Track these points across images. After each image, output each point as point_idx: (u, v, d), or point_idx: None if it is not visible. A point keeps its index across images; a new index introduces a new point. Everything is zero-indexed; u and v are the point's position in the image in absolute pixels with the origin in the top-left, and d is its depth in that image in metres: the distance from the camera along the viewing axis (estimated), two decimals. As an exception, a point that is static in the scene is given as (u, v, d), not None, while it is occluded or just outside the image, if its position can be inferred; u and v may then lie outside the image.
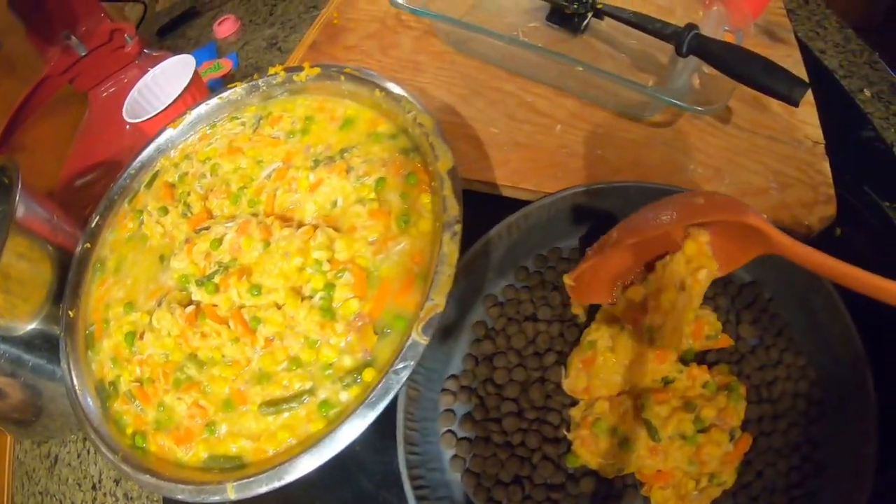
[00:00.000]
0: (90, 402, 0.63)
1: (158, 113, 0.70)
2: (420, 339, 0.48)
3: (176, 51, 0.82)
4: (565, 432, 0.56)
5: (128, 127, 0.74)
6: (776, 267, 0.63)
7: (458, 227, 0.51)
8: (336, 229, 0.55)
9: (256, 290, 0.55)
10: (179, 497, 0.54)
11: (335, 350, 0.51)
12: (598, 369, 0.55)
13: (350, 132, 0.61)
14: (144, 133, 0.72)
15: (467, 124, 0.67)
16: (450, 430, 0.58)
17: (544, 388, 0.58)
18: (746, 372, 0.60)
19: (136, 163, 0.68)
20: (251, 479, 0.49)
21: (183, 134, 0.68)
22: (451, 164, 0.53)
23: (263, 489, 0.49)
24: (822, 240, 0.65)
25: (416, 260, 0.52)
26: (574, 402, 0.57)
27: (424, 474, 0.55)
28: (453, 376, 0.59)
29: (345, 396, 0.50)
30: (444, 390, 0.59)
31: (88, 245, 0.67)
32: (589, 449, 0.56)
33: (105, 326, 0.63)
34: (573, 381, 0.56)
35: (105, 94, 0.81)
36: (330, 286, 0.53)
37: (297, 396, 0.51)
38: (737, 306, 0.63)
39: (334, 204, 0.58)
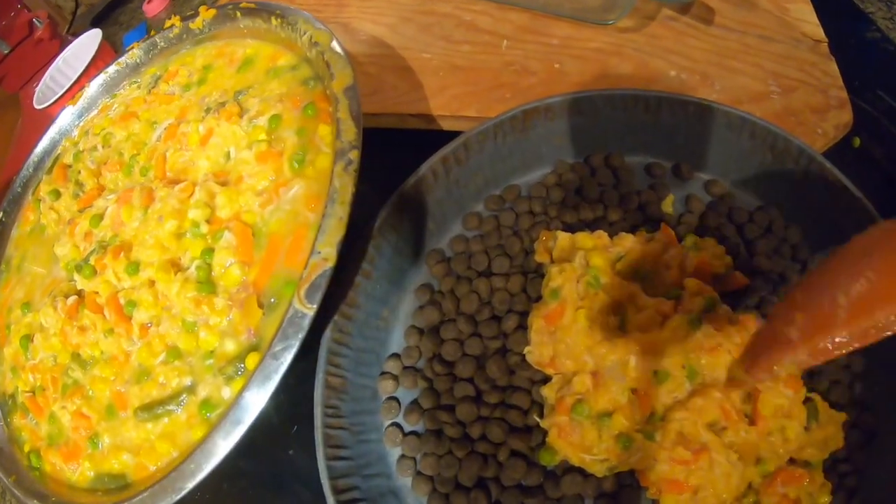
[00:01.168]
0: (-5, 420, 0.50)
1: (63, 93, 0.57)
2: (303, 307, 0.32)
3: (108, 38, 0.70)
4: (537, 419, 0.40)
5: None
6: (790, 186, 0.45)
7: (353, 155, 0.35)
8: (225, 184, 0.41)
9: (133, 268, 0.40)
10: (58, 530, 0.40)
11: (215, 333, 0.36)
12: (567, 330, 0.38)
13: (248, 73, 0.46)
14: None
15: (397, 54, 0.52)
16: (394, 424, 0.42)
17: (506, 361, 0.41)
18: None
19: (39, 150, 0.55)
20: (127, 502, 0.35)
21: (84, 111, 0.55)
22: (350, 82, 0.38)
23: None
24: (840, 151, 0.48)
25: (312, 205, 0.37)
26: (546, 379, 0.40)
27: (359, 483, 0.39)
28: (394, 356, 0.43)
29: (227, 393, 0.35)
30: (383, 373, 0.43)
31: None
32: (569, 440, 0.38)
33: (7, 332, 0.50)
34: (537, 347, 0.39)
35: (35, 91, 0.69)
36: (208, 252, 0.38)
37: (174, 396, 0.37)
38: (748, 236, 0.45)
39: (227, 156, 0.43)
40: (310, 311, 0.32)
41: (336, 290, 0.40)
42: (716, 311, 0.41)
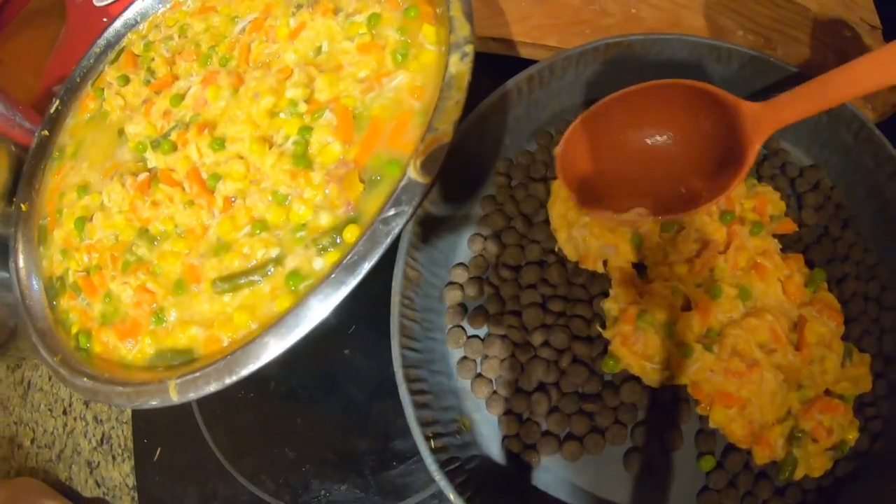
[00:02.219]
0: (38, 303, 0.46)
1: (129, -10, 0.54)
2: (419, 177, 0.31)
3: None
4: (599, 329, 0.40)
5: (106, 20, 0.59)
6: (840, 149, 0.46)
7: (469, 48, 0.34)
8: (323, 70, 0.39)
9: (219, 143, 0.38)
10: (116, 402, 0.37)
11: (309, 206, 0.34)
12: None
13: (342, -30, 0.45)
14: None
15: (478, -20, 0.51)
16: (458, 326, 0.41)
17: (564, 268, 0.41)
18: (816, 263, 0.44)
19: (102, 41, 0.52)
20: (196, 373, 0.33)
21: (154, 5, 0.53)
22: (460, -20, 0.37)
23: (212, 387, 0.32)
24: (887, 127, 0.48)
25: (417, 95, 0.36)
26: (605, 293, 0.40)
27: (426, 377, 0.38)
28: (461, 265, 0.42)
29: (319, 264, 0.33)
30: (450, 283, 0.42)
31: (47, 133, 0.51)
32: (632, 349, 0.38)
33: (58, 217, 0.47)
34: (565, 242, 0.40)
35: (84, -2, 0.65)
36: (306, 129, 0.36)
37: (260, 267, 0.35)
38: (797, 189, 0.46)
39: (318, 50, 0.41)
40: (426, 180, 0.31)
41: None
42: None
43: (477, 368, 0.40)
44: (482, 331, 0.41)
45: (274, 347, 0.32)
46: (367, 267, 0.30)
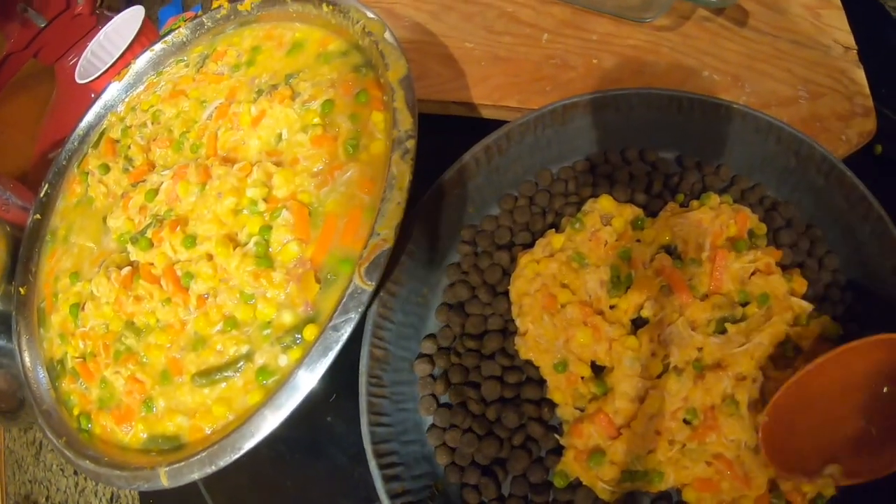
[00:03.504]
0: (42, 383, 0.52)
1: (108, 69, 0.59)
2: (363, 284, 0.35)
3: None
4: (557, 437, 0.43)
5: (93, 95, 0.63)
6: (811, 190, 0.47)
7: (410, 144, 0.38)
8: (279, 164, 0.43)
9: (190, 241, 0.43)
10: (115, 484, 0.42)
11: (273, 305, 0.39)
12: (557, 315, 0.42)
13: (298, 56, 0.48)
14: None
15: (439, 42, 0.54)
16: (431, 395, 0.45)
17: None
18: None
19: (84, 124, 0.57)
20: (182, 462, 0.38)
21: (130, 87, 0.57)
22: (405, 72, 0.40)
23: (195, 475, 0.37)
24: (862, 158, 0.50)
25: (367, 188, 0.39)
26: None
27: (397, 448, 0.42)
28: (431, 336, 0.46)
29: (284, 360, 0.38)
30: (420, 355, 0.45)
31: (39, 216, 0.57)
32: (587, 473, 0.41)
33: (55, 300, 0.53)
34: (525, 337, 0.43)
35: (71, 64, 0.70)
36: (266, 229, 0.40)
37: (232, 363, 0.40)
38: (773, 225, 0.48)
39: (279, 138, 0.45)
40: (369, 287, 0.35)
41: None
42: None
43: (444, 437, 0.43)
44: (447, 397, 0.44)
45: (248, 442, 0.36)
46: (322, 369, 0.34)
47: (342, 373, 0.45)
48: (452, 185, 0.45)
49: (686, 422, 0.42)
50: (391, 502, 0.39)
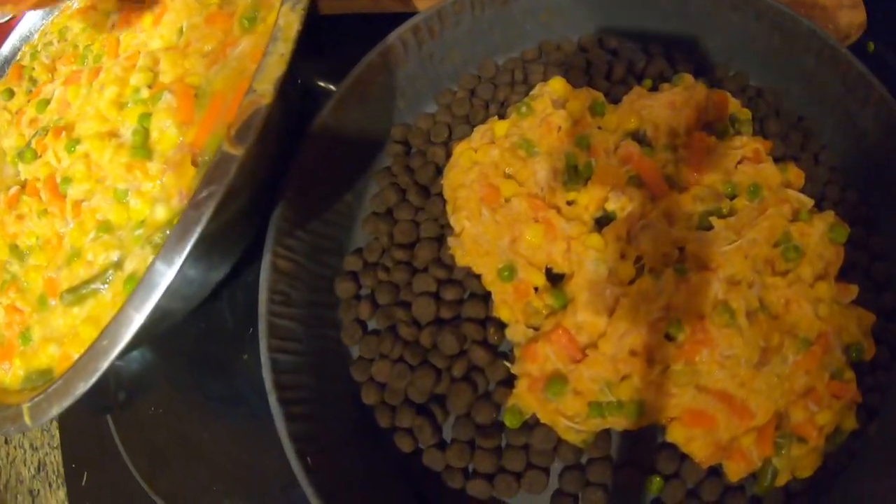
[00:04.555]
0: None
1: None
2: (230, 148, 0.28)
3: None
4: (508, 365, 0.35)
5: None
6: (801, 76, 0.40)
7: None
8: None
9: (73, 144, 0.36)
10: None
11: (147, 200, 0.33)
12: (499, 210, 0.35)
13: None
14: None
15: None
16: (356, 320, 0.37)
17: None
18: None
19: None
20: (42, 396, 0.31)
21: (47, 15, 0.53)
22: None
23: (55, 409, 0.31)
24: (854, 53, 0.42)
25: (258, 57, 0.33)
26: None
27: (310, 383, 0.34)
28: (357, 251, 0.39)
29: (155, 263, 0.31)
30: (343, 273, 0.38)
31: None
32: (545, 407, 0.33)
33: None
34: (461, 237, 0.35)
35: None
36: (146, 116, 0.34)
37: (101, 274, 0.33)
38: (757, 114, 0.40)
39: (181, 32, 0.39)
40: (238, 152, 0.28)
41: (289, 164, 0.36)
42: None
43: (370, 370, 0.36)
44: (375, 322, 0.37)
45: (103, 361, 0.29)
46: (179, 260, 0.28)
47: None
48: (376, 70, 0.38)
49: (669, 337, 0.34)
50: (295, 447, 0.32)
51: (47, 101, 0.41)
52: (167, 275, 0.28)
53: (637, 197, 0.35)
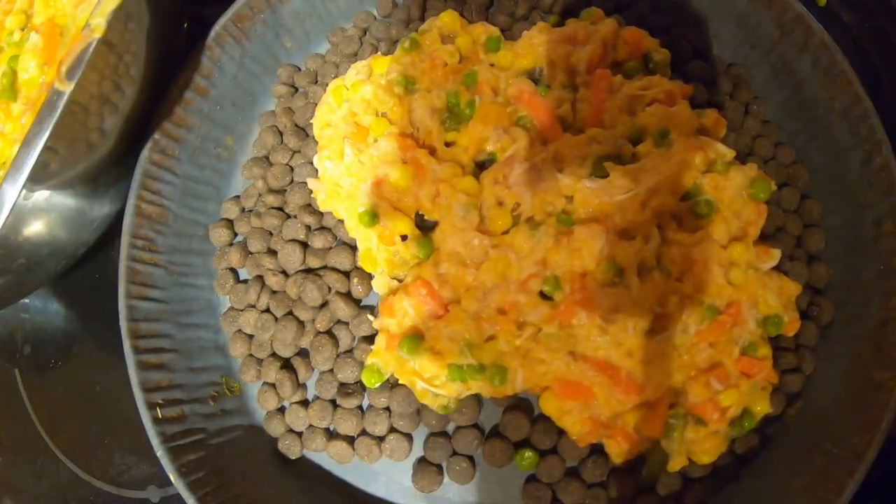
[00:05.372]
0: None
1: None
2: (60, 85, 0.28)
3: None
4: (371, 318, 0.32)
5: None
6: (731, 15, 0.36)
7: None
8: None
9: None
10: None
11: (9, 141, 0.32)
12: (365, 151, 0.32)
13: None
14: None
15: None
16: (228, 269, 0.35)
17: None
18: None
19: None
20: None
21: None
22: None
23: None
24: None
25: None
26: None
27: (170, 331, 0.32)
28: (235, 197, 0.37)
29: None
30: (219, 220, 0.36)
31: None
32: (403, 367, 0.30)
33: None
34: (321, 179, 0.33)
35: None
36: (15, 59, 0.33)
37: None
38: (682, 55, 0.36)
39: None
40: (66, 88, 0.27)
41: (158, 103, 0.35)
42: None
43: (237, 322, 0.34)
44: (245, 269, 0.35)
45: None
46: (13, 194, 0.27)
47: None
48: (256, 7, 0.35)
49: (544, 296, 0.30)
50: (147, 397, 0.30)
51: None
52: (5, 207, 0.27)
53: (522, 138, 0.32)
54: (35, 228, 0.32)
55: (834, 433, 0.29)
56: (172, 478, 0.29)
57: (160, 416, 0.30)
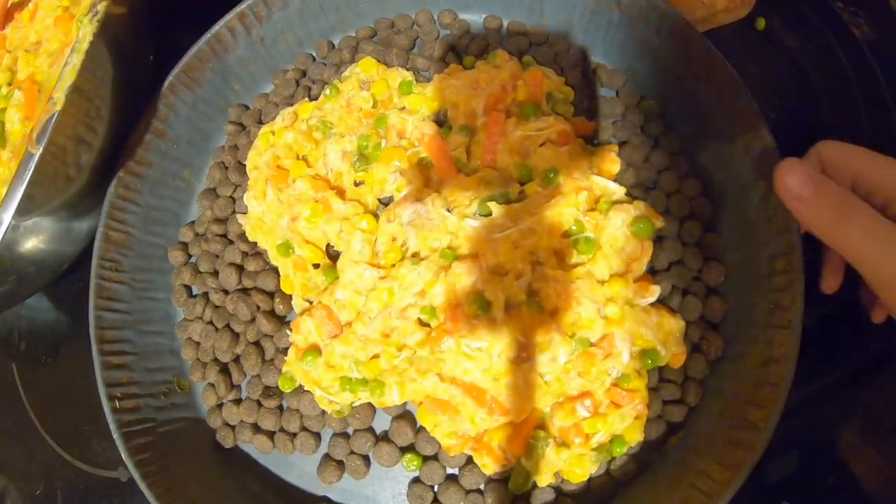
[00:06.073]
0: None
1: None
2: (32, 148, 0.34)
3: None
4: (289, 332, 0.37)
5: None
6: (644, 49, 0.37)
7: (101, 6, 0.36)
8: (28, 50, 0.43)
9: None
10: None
11: (1, 181, 0.39)
12: (285, 191, 0.37)
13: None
14: None
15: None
16: (183, 285, 0.42)
17: None
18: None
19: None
20: None
21: None
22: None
23: None
24: (741, 32, 0.41)
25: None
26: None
27: (132, 337, 0.39)
28: (191, 223, 0.43)
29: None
30: (176, 244, 0.43)
31: None
32: (307, 376, 0.36)
33: None
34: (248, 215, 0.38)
35: None
36: (3, 111, 0.41)
37: None
38: (589, 92, 0.38)
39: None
40: (36, 151, 0.34)
41: (122, 145, 0.41)
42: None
43: (189, 329, 0.41)
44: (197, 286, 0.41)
45: None
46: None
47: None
48: (206, 57, 0.41)
49: (423, 323, 0.34)
50: (107, 391, 0.37)
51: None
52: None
53: (416, 179, 0.36)
54: (23, 248, 0.40)
55: (703, 467, 0.31)
56: (123, 456, 0.36)
57: (118, 406, 0.37)
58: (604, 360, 0.33)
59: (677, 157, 0.37)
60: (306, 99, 0.40)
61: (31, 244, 0.40)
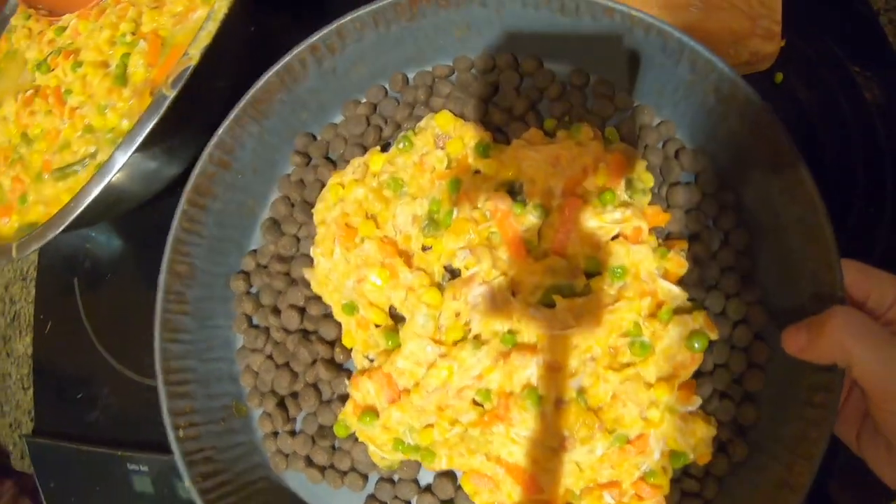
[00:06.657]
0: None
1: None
2: (167, 91, 0.40)
3: None
4: (347, 383, 0.39)
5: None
6: (730, 136, 0.35)
7: None
8: (153, 7, 0.50)
9: (77, 66, 0.50)
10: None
11: (119, 114, 0.47)
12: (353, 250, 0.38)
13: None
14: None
15: None
16: (245, 314, 0.43)
17: None
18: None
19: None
20: (25, 238, 0.45)
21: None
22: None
23: (33, 246, 0.44)
24: (758, 82, 0.36)
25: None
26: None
27: (195, 366, 0.41)
28: (253, 252, 0.44)
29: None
30: (238, 272, 0.44)
31: None
32: (363, 430, 0.37)
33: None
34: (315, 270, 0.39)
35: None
36: (126, 56, 0.48)
37: (81, 160, 0.48)
38: (669, 178, 0.37)
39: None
40: (170, 94, 0.40)
41: (187, 179, 0.41)
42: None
43: (249, 359, 0.42)
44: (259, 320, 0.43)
45: (68, 217, 0.42)
46: (124, 156, 0.41)
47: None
48: (272, 90, 0.40)
49: (477, 403, 0.36)
50: (174, 420, 0.39)
51: (63, 28, 0.54)
52: (120, 160, 0.41)
53: (486, 259, 0.35)
54: (122, 178, 0.43)
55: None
56: (187, 484, 0.39)
57: (181, 435, 0.40)
58: (636, 455, 0.34)
59: (743, 257, 0.36)
60: (377, 148, 0.39)
61: (123, 175, 0.43)
